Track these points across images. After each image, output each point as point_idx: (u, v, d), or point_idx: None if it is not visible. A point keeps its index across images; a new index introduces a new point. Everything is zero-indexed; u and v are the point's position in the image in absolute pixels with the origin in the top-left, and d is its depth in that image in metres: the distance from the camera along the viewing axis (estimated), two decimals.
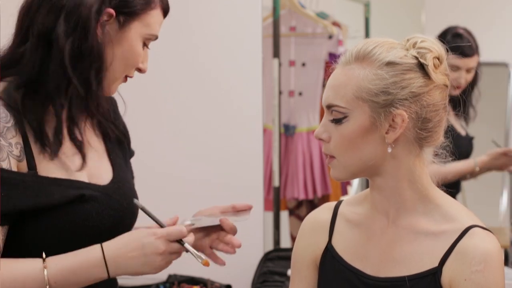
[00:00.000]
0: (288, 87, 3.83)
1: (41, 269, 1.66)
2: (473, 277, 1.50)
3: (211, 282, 3.10)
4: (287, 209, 3.91)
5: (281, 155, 3.61)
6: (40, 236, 1.70)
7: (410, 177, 1.56)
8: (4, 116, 1.66)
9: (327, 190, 3.80)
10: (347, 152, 1.55)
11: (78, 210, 1.71)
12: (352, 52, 1.56)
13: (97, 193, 1.75)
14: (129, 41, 1.76)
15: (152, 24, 1.78)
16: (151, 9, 1.77)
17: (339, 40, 3.80)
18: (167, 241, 1.66)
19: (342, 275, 1.62)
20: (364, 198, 1.65)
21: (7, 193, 1.64)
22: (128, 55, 1.76)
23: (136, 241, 1.67)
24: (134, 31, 1.76)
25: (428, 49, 1.54)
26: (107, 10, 1.73)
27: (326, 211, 1.69)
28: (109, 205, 1.76)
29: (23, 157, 1.68)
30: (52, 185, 1.70)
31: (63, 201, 1.69)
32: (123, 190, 1.81)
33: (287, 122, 3.82)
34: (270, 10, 3.53)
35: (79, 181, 1.74)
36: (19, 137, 1.68)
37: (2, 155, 1.65)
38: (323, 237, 1.67)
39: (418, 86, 1.53)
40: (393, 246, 1.59)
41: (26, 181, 1.67)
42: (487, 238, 1.53)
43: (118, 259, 1.67)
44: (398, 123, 1.53)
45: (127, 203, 1.80)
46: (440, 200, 1.59)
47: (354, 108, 1.53)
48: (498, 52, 4.96)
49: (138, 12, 1.76)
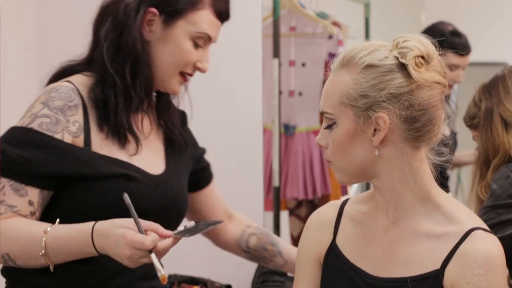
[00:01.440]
0: (288, 87, 3.83)
1: (42, 234, 1.76)
2: (475, 280, 1.50)
3: (211, 282, 3.10)
4: (287, 209, 3.91)
5: (281, 155, 3.61)
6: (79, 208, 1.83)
7: (405, 178, 1.56)
8: (68, 96, 1.86)
9: (327, 190, 3.80)
10: (339, 157, 1.57)
11: (121, 186, 1.82)
12: (339, 59, 1.57)
13: (143, 177, 1.88)
14: (175, 38, 1.90)
15: (199, 23, 1.90)
16: (198, 9, 1.90)
17: (339, 40, 3.80)
18: (133, 248, 1.69)
19: (345, 274, 1.62)
20: (369, 197, 1.66)
21: (54, 158, 1.81)
22: (174, 52, 1.90)
23: (113, 235, 1.71)
24: (180, 30, 1.89)
25: (409, 48, 1.53)
26: (149, 9, 1.89)
27: (332, 209, 1.70)
28: (153, 191, 1.88)
29: (79, 134, 1.85)
30: (100, 159, 1.85)
31: (108, 175, 1.83)
32: (171, 184, 1.93)
33: (287, 122, 3.82)
34: (270, 10, 3.53)
35: (128, 163, 1.88)
36: (79, 116, 1.86)
37: (58, 128, 1.83)
38: (328, 235, 1.67)
39: (397, 86, 1.52)
40: (395, 246, 1.59)
41: (75, 151, 1.83)
42: (489, 241, 1.53)
43: (102, 242, 1.73)
44: (381, 125, 1.53)
45: (173, 196, 1.92)
46: (441, 201, 1.58)
47: (340, 114, 1.55)
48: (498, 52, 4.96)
49: (182, 11, 1.89)
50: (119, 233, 1.70)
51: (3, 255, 1.80)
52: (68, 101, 1.86)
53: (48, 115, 1.84)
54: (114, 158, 1.87)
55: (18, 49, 3.12)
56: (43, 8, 3.22)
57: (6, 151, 1.81)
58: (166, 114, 2.02)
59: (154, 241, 1.69)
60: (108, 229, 1.72)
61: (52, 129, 1.83)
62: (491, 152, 2.25)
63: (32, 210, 1.82)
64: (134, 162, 1.90)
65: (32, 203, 1.82)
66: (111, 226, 1.72)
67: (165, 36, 1.90)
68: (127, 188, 1.82)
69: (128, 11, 1.89)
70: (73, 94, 1.87)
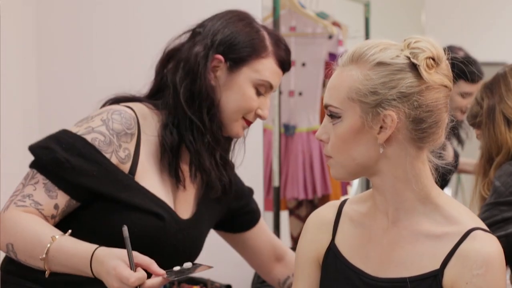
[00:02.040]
0: (288, 87, 3.83)
1: (49, 240, 1.78)
2: (474, 280, 1.50)
3: (211, 282, 3.09)
4: (287, 209, 3.90)
5: (281, 155, 3.61)
6: (100, 228, 1.87)
7: (407, 178, 1.56)
8: (128, 124, 1.91)
9: (327, 190, 3.80)
10: (341, 153, 1.56)
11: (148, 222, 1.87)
12: (349, 54, 1.57)
13: (172, 219, 1.92)
14: (238, 84, 1.95)
15: (261, 70, 1.96)
16: (262, 57, 1.96)
17: (339, 40, 3.80)
18: (121, 282, 1.70)
19: (344, 274, 1.62)
20: (368, 197, 1.66)
21: (97, 174, 1.85)
22: (238, 97, 1.95)
23: (107, 265, 1.73)
24: (243, 76, 1.95)
25: (421, 49, 1.53)
26: (215, 56, 1.95)
27: (331, 209, 1.69)
28: (176, 235, 1.93)
29: (126, 161, 1.90)
30: (139, 191, 1.89)
31: (140, 207, 1.87)
32: (193, 232, 1.98)
33: (287, 122, 3.82)
34: (270, 10, 3.52)
35: (163, 201, 1.92)
36: (132, 145, 1.91)
37: (108, 149, 1.88)
38: (327, 235, 1.67)
39: (408, 86, 1.52)
40: (394, 247, 1.59)
41: (118, 174, 1.87)
42: (488, 241, 1.53)
43: (98, 269, 1.75)
44: (388, 124, 1.52)
45: (190, 244, 1.98)
46: (441, 201, 1.58)
47: (346, 108, 1.54)
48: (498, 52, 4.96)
49: (247, 59, 1.95)
50: (111, 264, 1.71)
51: (7, 244, 1.82)
52: (127, 128, 1.91)
53: (104, 133, 1.88)
54: (152, 193, 1.91)
55: (18, 49, 3.12)
56: (43, 8, 3.22)
57: (55, 151, 1.84)
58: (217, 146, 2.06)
59: (139, 279, 1.69)
60: (104, 258, 1.74)
61: (103, 148, 1.87)
62: (494, 149, 2.25)
63: (54, 213, 1.85)
64: (167, 199, 1.95)
65: (57, 207, 1.85)
66: (108, 256, 1.74)
67: (230, 82, 1.96)
68: (153, 225, 1.88)
69: (199, 59, 1.95)
70: (133, 123, 1.92)
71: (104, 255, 1.74)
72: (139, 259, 1.72)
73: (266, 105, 2.00)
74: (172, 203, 1.96)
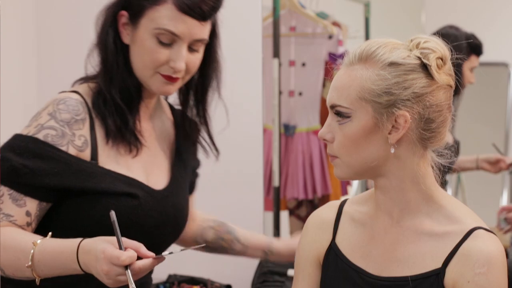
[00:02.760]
0: (288, 87, 3.83)
1: (31, 246, 1.74)
2: (476, 279, 1.50)
3: (211, 282, 3.10)
4: (287, 209, 3.91)
5: (281, 155, 3.61)
6: (77, 221, 1.82)
7: (414, 178, 1.56)
8: (76, 110, 1.85)
9: (327, 190, 3.80)
10: (350, 153, 1.55)
11: (123, 204, 1.82)
12: (356, 53, 1.55)
13: (146, 193, 1.87)
14: (140, 38, 1.87)
15: (157, 18, 1.85)
16: (157, 5, 1.85)
17: (339, 40, 3.80)
18: (110, 263, 1.65)
19: (345, 273, 1.62)
20: (369, 197, 1.65)
21: (58, 170, 1.80)
22: (141, 51, 1.87)
23: (94, 251, 1.68)
24: (143, 28, 1.86)
25: (431, 49, 1.53)
26: (120, 13, 1.88)
27: (331, 209, 1.69)
28: (155, 207, 1.88)
29: (84, 148, 1.84)
30: (105, 175, 1.84)
31: (110, 191, 1.82)
32: (172, 200, 1.93)
33: (287, 122, 3.82)
34: (270, 10, 3.53)
35: (132, 178, 1.86)
36: (85, 131, 1.85)
37: (63, 141, 1.82)
38: (327, 235, 1.67)
39: (421, 86, 1.52)
40: (396, 246, 1.59)
41: (80, 164, 1.82)
42: (490, 240, 1.53)
43: (85, 259, 1.70)
44: (400, 124, 1.52)
45: (173, 213, 1.92)
46: (444, 201, 1.58)
47: (357, 108, 1.53)
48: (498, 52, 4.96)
49: (143, 10, 1.86)
50: (99, 248, 1.67)
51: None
52: (75, 114, 1.85)
53: (54, 127, 1.83)
54: (119, 173, 1.86)
55: (18, 49, 3.12)
56: (43, 8, 3.22)
57: (10, 159, 1.79)
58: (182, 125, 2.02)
59: (130, 258, 1.64)
60: (91, 245, 1.69)
61: (57, 142, 1.82)
62: None
63: (29, 220, 1.80)
64: (138, 175, 1.89)
65: (29, 214, 1.80)
66: (95, 242, 1.70)
67: (134, 38, 1.88)
68: (129, 205, 1.83)
69: (108, 14, 1.90)
70: (81, 107, 1.86)
71: (90, 243, 1.70)
72: (128, 243, 1.68)
73: (178, 55, 1.86)
74: (144, 176, 1.91)
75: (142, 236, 1.76)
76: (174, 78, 1.89)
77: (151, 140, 1.97)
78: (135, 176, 1.89)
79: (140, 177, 1.90)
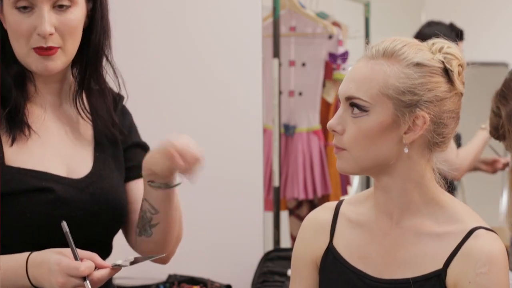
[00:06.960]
0: (288, 87, 3.83)
1: None
2: (477, 279, 1.50)
3: (211, 282, 3.10)
4: (287, 209, 3.91)
5: (281, 155, 3.61)
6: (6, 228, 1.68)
7: (419, 180, 1.56)
8: None
9: (327, 190, 3.80)
10: (362, 147, 1.53)
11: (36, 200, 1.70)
12: (379, 48, 1.54)
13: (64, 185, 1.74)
14: (7, 16, 1.73)
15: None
16: None
17: (339, 40, 3.80)
18: (67, 275, 1.60)
19: (344, 276, 1.60)
20: (366, 197, 1.64)
21: None
22: (10, 29, 1.74)
23: (47, 263, 1.63)
24: (5, 4, 1.72)
25: (454, 55, 1.54)
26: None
27: (327, 211, 1.67)
28: (79, 198, 1.75)
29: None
30: (13, 174, 1.70)
31: (21, 190, 1.69)
32: (100, 185, 1.78)
33: (287, 122, 3.82)
34: (270, 10, 3.53)
35: (44, 172, 1.73)
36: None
37: None
38: (324, 237, 1.65)
39: (443, 90, 1.53)
40: (397, 247, 1.58)
41: None
42: (491, 240, 1.52)
43: (36, 272, 1.64)
44: (418, 125, 1.52)
45: (105, 198, 1.77)
46: (445, 202, 1.58)
47: (377, 103, 1.52)
48: (498, 52, 4.97)
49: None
50: (53, 260, 1.61)
51: None
52: None
53: None
54: (29, 169, 1.72)
55: None
56: None
57: None
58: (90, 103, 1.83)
59: (89, 268, 1.60)
60: (43, 258, 1.62)
61: None
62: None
63: None
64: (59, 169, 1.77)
65: None
66: (46, 255, 1.63)
67: (4, 19, 1.75)
68: (45, 200, 1.71)
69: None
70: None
71: (41, 256, 1.63)
72: (83, 253, 1.62)
73: (40, 18, 1.70)
74: (64, 168, 1.77)
75: (78, 228, 1.69)
76: (48, 49, 1.72)
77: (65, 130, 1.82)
78: (51, 170, 1.75)
79: (58, 169, 1.76)
